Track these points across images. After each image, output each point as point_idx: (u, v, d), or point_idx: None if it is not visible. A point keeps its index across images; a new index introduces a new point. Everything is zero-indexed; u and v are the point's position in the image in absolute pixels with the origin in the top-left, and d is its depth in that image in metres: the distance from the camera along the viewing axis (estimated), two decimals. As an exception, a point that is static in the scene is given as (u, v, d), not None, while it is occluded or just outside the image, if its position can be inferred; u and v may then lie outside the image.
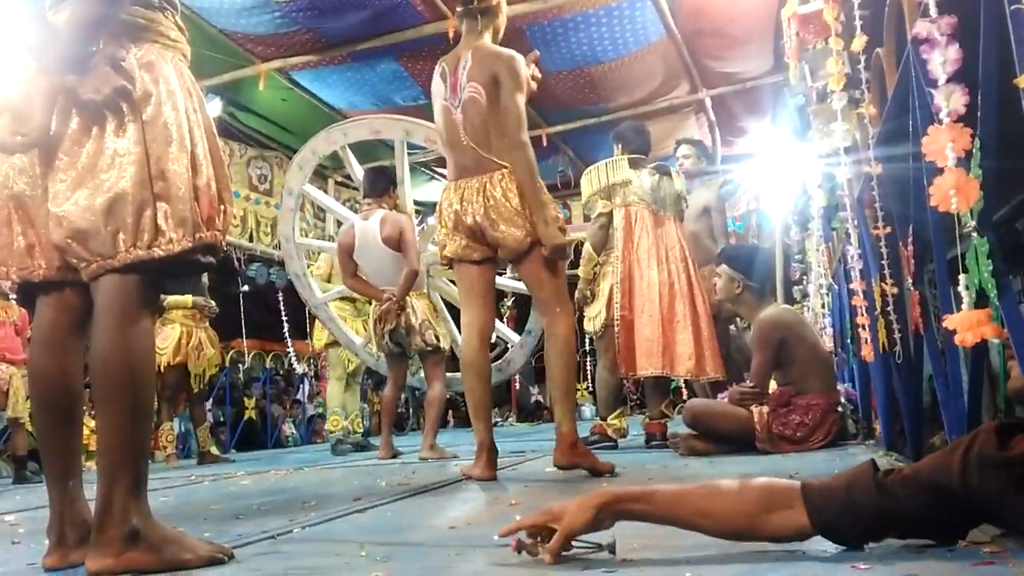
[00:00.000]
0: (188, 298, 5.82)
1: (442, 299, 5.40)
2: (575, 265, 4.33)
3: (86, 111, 1.53)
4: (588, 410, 10.36)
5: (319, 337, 6.29)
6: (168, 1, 1.68)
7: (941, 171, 1.42)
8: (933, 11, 1.46)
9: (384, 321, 4.67)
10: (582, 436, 3.47)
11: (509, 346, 5.65)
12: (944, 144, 1.41)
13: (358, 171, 5.41)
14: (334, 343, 6.15)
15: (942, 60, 1.44)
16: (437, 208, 3.21)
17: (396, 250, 4.57)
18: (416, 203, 10.08)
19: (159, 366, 5.76)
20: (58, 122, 1.55)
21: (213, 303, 6.08)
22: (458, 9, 3.27)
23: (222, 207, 1.64)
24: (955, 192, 1.39)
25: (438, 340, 4.78)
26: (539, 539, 1.41)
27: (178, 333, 5.78)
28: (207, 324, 6.07)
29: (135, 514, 1.48)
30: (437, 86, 3.21)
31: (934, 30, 1.45)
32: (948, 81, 1.43)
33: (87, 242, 1.51)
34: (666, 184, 4.65)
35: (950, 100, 1.42)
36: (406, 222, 4.66)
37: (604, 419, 4.67)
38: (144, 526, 1.49)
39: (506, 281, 5.35)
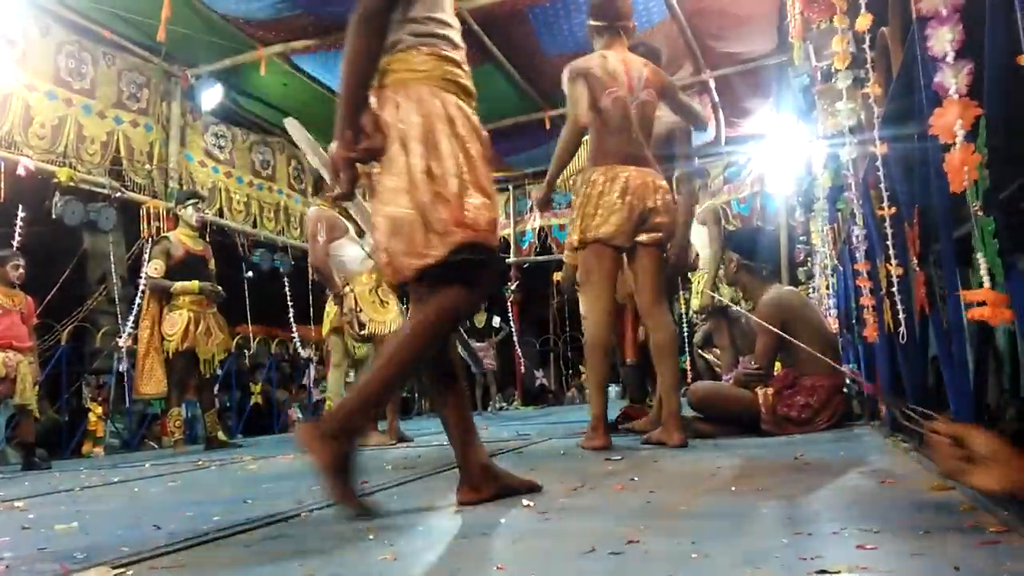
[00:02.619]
0: (195, 283, 5.82)
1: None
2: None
3: (364, 164, 1.97)
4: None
5: (325, 323, 6.29)
6: (420, 35, 1.97)
7: (947, 148, 1.41)
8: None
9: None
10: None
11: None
12: (953, 120, 1.40)
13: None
14: (335, 330, 6.16)
15: (949, 37, 1.42)
16: (588, 187, 3.39)
17: None
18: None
19: (167, 352, 5.78)
20: (364, 174, 1.99)
21: (220, 288, 6.07)
22: (598, 23, 3.51)
23: (465, 211, 1.88)
24: (966, 169, 1.38)
25: (363, 328, 4.93)
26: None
27: (186, 319, 5.78)
28: (215, 309, 6.06)
29: (484, 461, 2.04)
30: (602, 74, 3.37)
31: (941, 7, 1.44)
32: (955, 58, 1.42)
33: (392, 263, 1.93)
34: None
35: (957, 77, 1.41)
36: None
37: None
38: (490, 468, 2.05)
39: None
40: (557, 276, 5.19)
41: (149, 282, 5.94)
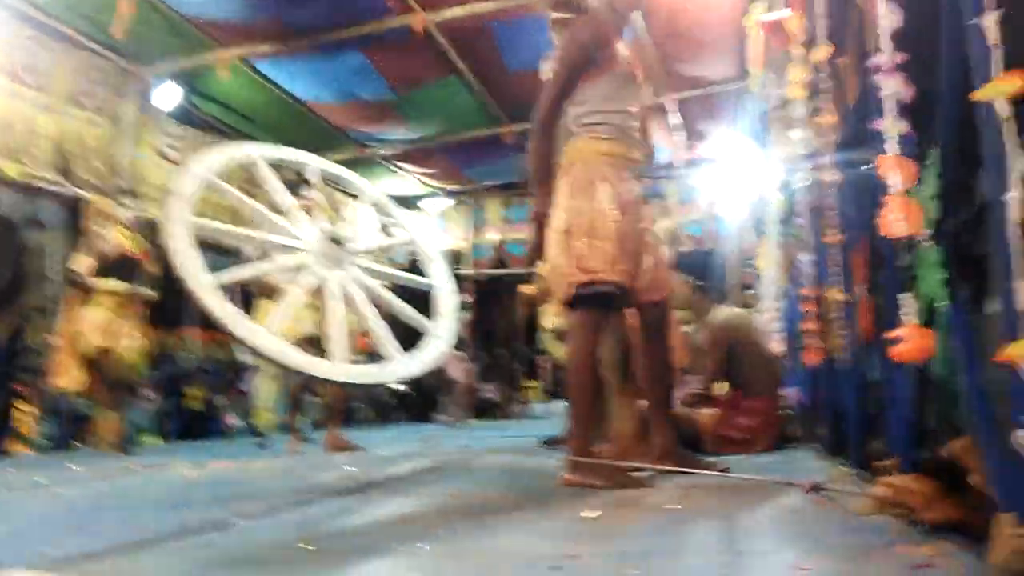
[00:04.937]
0: (116, 282, 5.53)
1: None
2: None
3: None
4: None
5: None
6: (584, 125, 2.63)
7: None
8: (886, 45, 1.49)
9: None
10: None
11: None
12: (890, 173, 1.45)
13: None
14: None
15: (893, 90, 1.47)
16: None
17: None
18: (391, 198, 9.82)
19: (86, 352, 5.47)
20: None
21: (149, 291, 5.78)
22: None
23: (581, 260, 2.53)
24: (904, 218, 1.43)
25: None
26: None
27: (102, 317, 5.48)
28: (141, 313, 5.79)
29: (582, 452, 2.48)
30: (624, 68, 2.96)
31: (885, 63, 1.48)
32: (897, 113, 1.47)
33: (556, 293, 2.71)
34: None
35: (894, 130, 1.46)
36: None
37: None
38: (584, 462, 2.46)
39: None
40: (526, 289, 5.10)
41: (71, 275, 5.62)
